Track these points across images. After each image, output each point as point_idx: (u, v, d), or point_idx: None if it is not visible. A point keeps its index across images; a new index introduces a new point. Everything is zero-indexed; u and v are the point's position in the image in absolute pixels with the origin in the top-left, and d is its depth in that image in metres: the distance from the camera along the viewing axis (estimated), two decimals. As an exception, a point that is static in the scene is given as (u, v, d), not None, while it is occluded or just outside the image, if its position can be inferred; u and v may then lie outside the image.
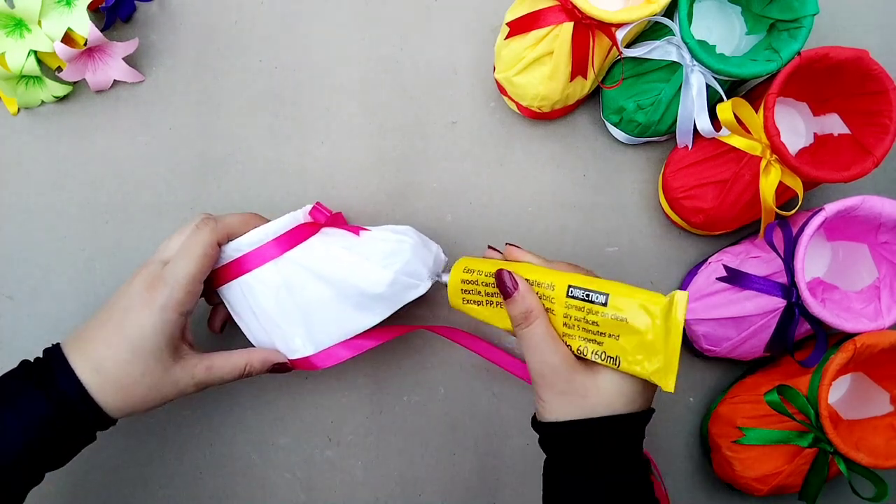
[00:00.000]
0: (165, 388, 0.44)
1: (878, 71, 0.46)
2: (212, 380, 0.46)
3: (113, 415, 0.43)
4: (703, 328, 0.53)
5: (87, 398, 0.42)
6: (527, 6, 0.52)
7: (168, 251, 0.46)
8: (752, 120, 0.48)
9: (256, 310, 0.47)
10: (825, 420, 0.46)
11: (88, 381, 0.42)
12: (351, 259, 0.47)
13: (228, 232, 0.47)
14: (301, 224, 0.49)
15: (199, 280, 0.45)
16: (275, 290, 0.47)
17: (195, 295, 0.45)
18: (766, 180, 0.48)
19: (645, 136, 0.56)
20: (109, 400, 0.43)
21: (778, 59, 0.48)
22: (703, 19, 0.56)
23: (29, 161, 0.59)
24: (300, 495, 0.57)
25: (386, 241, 0.48)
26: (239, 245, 0.47)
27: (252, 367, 0.47)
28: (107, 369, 0.42)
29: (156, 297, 0.43)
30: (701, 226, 0.55)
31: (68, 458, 0.44)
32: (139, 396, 0.44)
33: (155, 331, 0.43)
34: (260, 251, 0.47)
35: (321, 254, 0.47)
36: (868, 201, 0.47)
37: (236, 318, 0.49)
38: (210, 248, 0.45)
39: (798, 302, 0.48)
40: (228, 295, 0.48)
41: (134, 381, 0.43)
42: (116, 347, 0.43)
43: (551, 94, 0.53)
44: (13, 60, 0.54)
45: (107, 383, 0.42)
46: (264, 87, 0.60)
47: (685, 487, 0.57)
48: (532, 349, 0.41)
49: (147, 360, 0.43)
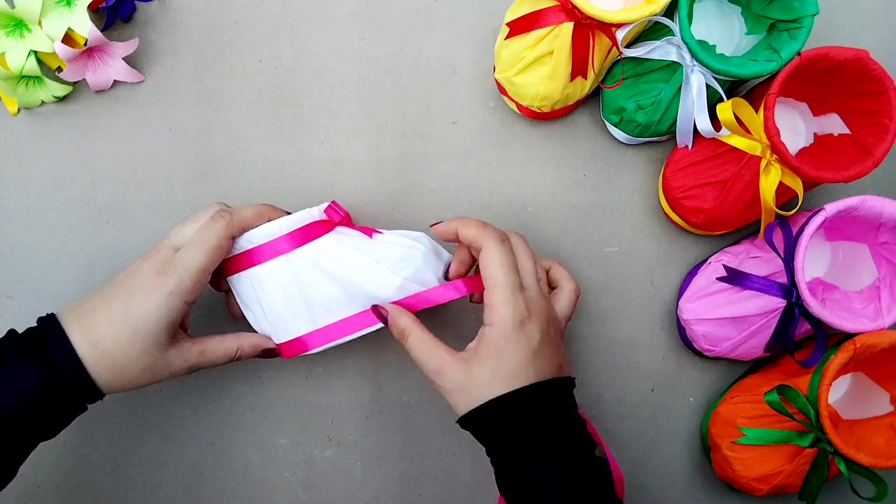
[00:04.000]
0: (158, 371, 0.45)
1: (878, 71, 0.46)
2: (204, 363, 0.47)
3: (104, 390, 0.44)
4: (703, 328, 0.53)
5: (81, 369, 0.42)
6: (527, 6, 0.52)
7: (180, 237, 0.46)
8: (752, 120, 0.48)
9: (264, 302, 0.48)
10: (825, 420, 0.46)
11: (85, 354, 0.42)
12: (362, 261, 0.47)
13: (243, 225, 0.47)
14: (315, 221, 0.49)
15: (209, 271, 0.45)
16: (284, 285, 0.47)
17: (203, 285, 0.45)
18: (766, 180, 0.48)
19: (645, 136, 0.56)
20: (102, 375, 0.43)
21: (778, 59, 0.48)
22: (703, 19, 0.56)
23: (29, 161, 0.59)
24: (300, 495, 0.57)
25: (398, 246, 0.48)
26: (252, 237, 0.47)
27: (243, 351, 0.48)
28: (105, 346, 0.42)
29: (165, 282, 0.44)
30: (701, 226, 0.55)
31: (60, 427, 0.44)
32: (131, 376, 0.44)
33: (159, 316, 0.43)
34: (272, 245, 0.47)
35: (333, 253, 0.47)
36: (868, 201, 0.47)
37: (243, 307, 0.50)
38: (224, 241, 0.46)
39: (798, 302, 0.48)
40: (237, 284, 0.49)
41: (130, 361, 0.43)
42: (118, 326, 0.43)
43: (551, 94, 0.53)
44: (13, 60, 0.54)
45: (102, 359, 0.43)
46: (264, 87, 0.60)
47: (685, 487, 0.57)
48: (416, 359, 0.45)
49: (146, 343, 0.43)
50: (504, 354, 0.42)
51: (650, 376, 0.57)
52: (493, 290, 0.44)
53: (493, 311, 0.43)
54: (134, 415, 0.57)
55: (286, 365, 0.57)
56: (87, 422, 0.56)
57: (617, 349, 0.57)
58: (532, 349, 0.43)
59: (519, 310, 0.43)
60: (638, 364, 0.57)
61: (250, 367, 0.57)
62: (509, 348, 0.42)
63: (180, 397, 0.57)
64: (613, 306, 0.58)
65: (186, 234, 0.46)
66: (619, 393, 0.57)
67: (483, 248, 0.45)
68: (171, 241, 0.46)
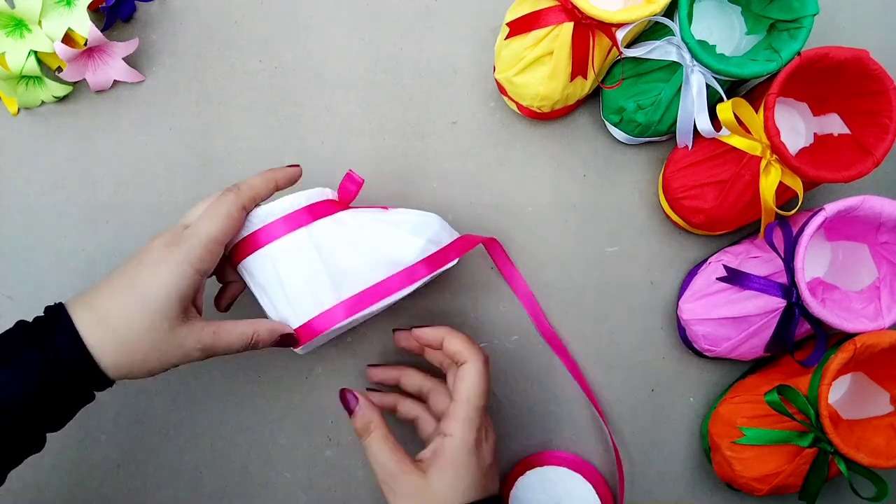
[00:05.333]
0: (169, 350, 0.42)
1: (878, 71, 0.46)
2: (218, 345, 0.44)
3: (110, 373, 0.41)
4: (703, 328, 0.53)
5: (84, 353, 0.40)
6: (527, 6, 0.52)
7: (190, 217, 0.45)
8: (752, 120, 0.48)
9: (286, 279, 0.46)
10: (825, 420, 0.46)
11: (89, 334, 0.40)
12: (381, 228, 0.47)
13: (254, 195, 0.46)
14: (329, 200, 0.48)
15: (221, 242, 0.44)
16: (307, 258, 0.45)
17: (215, 255, 0.44)
18: (767, 180, 0.48)
19: (645, 136, 0.56)
20: (109, 355, 0.40)
21: (778, 58, 0.48)
22: (703, 19, 0.56)
23: (29, 161, 0.59)
24: (300, 495, 0.57)
25: (413, 213, 0.49)
26: (265, 215, 0.46)
27: (259, 336, 0.45)
28: (110, 320, 0.40)
29: (175, 251, 0.42)
30: (701, 226, 0.55)
31: (66, 418, 0.42)
32: (141, 354, 0.41)
33: (167, 284, 0.41)
34: (290, 217, 0.46)
35: (352, 223, 0.47)
36: (868, 201, 0.47)
37: (259, 291, 0.47)
38: (235, 212, 0.44)
39: (798, 302, 0.48)
40: (252, 267, 0.47)
41: (137, 336, 0.41)
42: (124, 299, 0.41)
43: (551, 94, 0.53)
44: (13, 60, 0.54)
45: (107, 335, 0.40)
46: (264, 86, 0.60)
47: (685, 487, 0.57)
48: (372, 457, 0.45)
49: (154, 315, 0.41)
50: (462, 469, 0.44)
51: (650, 376, 0.57)
52: (463, 406, 0.45)
53: (458, 425, 0.44)
54: (134, 415, 0.57)
55: (286, 365, 0.57)
56: (87, 422, 0.56)
57: (617, 349, 0.57)
58: (485, 468, 0.45)
59: (480, 431, 0.45)
60: (638, 364, 0.57)
61: (250, 367, 0.57)
62: (468, 464, 0.44)
63: (180, 397, 0.57)
64: (613, 306, 0.58)
65: (195, 213, 0.45)
66: (619, 393, 0.57)
67: (467, 363, 0.46)
68: (182, 222, 0.45)
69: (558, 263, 0.58)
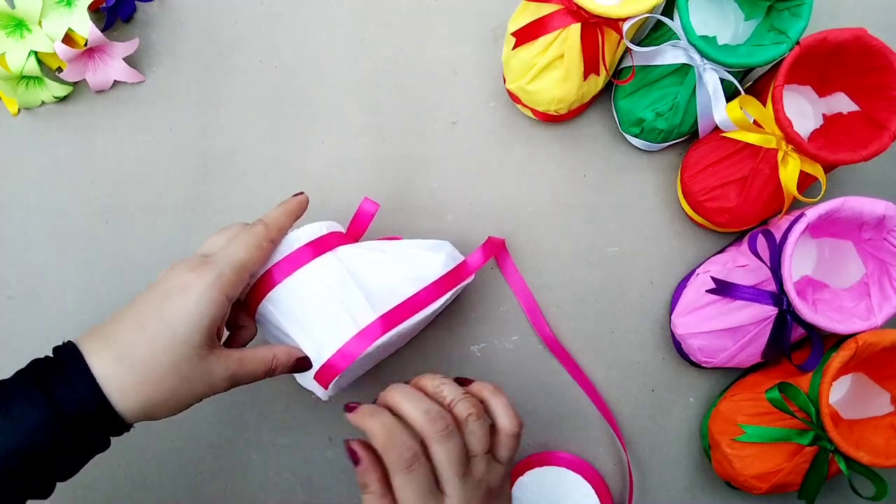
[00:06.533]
0: (197, 381, 0.40)
1: (878, 46, 0.46)
2: (243, 373, 0.42)
3: (128, 417, 0.38)
4: (699, 342, 0.53)
5: (99, 399, 0.37)
6: (529, 14, 0.52)
7: (210, 246, 0.43)
8: (763, 114, 0.48)
9: (316, 303, 0.44)
10: (826, 418, 0.46)
11: (109, 373, 0.37)
12: (401, 248, 0.48)
13: (280, 227, 0.45)
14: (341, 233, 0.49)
15: (249, 270, 0.42)
16: (338, 279, 0.45)
17: (243, 282, 0.42)
18: (786, 171, 0.48)
19: (669, 140, 0.56)
20: (129, 397, 0.38)
21: (786, 39, 0.48)
22: (697, 12, 0.56)
23: (29, 161, 0.59)
24: (300, 495, 0.57)
25: (424, 240, 0.50)
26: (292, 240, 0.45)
27: (278, 360, 0.44)
28: (134, 357, 0.37)
29: (203, 276, 0.40)
30: (726, 224, 0.54)
31: (77, 466, 0.40)
32: (167, 390, 0.39)
33: (199, 311, 0.39)
34: (317, 243, 0.46)
35: (372, 246, 0.48)
36: (848, 202, 0.47)
37: (286, 323, 0.45)
38: (265, 242, 0.43)
39: (790, 309, 0.48)
40: (277, 301, 0.45)
41: (165, 371, 0.38)
42: (150, 329, 0.38)
43: (567, 96, 0.53)
44: (13, 61, 0.54)
45: (128, 374, 0.37)
46: (264, 87, 0.60)
47: (685, 487, 0.57)
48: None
49: (183, 345, 0.38)
50: None
51: (650, 376, 0.57)
52: None
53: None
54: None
55: (286, 365, 0.57)
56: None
57: (617, 349, 0.57)
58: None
59: None
60: (638, 364, 0.57)
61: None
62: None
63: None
64: (613, 306, 0.58)
65: (217, 242, 0.43)
66: (619, 393, 0.57)
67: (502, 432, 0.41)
68: (202, 251, 0.43)
69: (558, 263, 0.58)
